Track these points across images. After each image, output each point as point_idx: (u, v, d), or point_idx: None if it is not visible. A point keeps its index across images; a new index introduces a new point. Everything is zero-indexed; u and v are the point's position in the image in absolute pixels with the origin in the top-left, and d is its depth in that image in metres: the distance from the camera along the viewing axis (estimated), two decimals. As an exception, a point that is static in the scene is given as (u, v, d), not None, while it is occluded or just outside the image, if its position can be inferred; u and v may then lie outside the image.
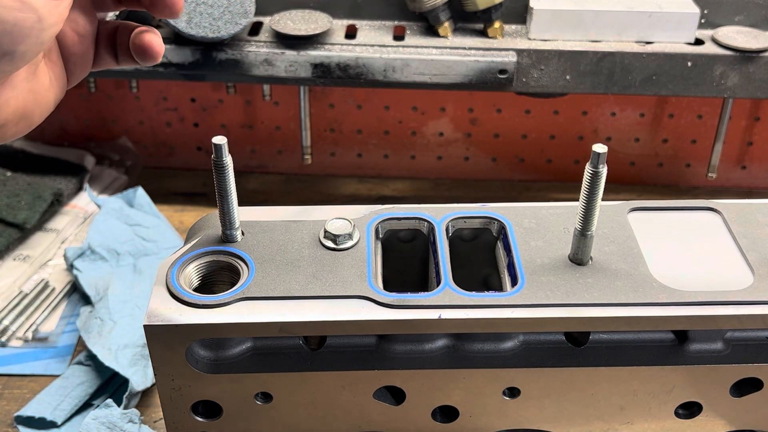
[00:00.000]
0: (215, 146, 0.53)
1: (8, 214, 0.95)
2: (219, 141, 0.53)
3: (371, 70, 0.89)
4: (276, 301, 0.53)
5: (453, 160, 1.13)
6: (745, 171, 1.12)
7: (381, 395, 0.57)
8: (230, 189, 0.55)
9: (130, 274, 0.87)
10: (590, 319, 0.53)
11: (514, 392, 0.57)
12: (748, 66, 0.89)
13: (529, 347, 0.56)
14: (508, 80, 0.89)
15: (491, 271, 0.63)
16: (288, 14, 0.92)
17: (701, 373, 0.56)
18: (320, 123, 1.10)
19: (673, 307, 0.53)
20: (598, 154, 0.51)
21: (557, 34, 0.91)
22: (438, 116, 1.10)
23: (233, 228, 0.57)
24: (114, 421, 0.69)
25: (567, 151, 1.12)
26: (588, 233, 0.55)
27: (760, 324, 0.54)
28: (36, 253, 0.94)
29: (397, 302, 0.53)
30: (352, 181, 1.14)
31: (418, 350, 0.56)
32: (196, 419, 0.57)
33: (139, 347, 0.78)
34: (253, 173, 1.13)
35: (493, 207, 0.61)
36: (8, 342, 0.83)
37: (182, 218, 1.03)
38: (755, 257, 0.57)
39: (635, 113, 1.08)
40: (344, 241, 0.57)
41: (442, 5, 0.90)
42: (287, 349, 0.56)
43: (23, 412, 0.73)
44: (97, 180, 1.07)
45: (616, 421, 0.59)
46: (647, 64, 0.89)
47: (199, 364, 0.54)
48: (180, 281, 0.54)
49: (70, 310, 0.87)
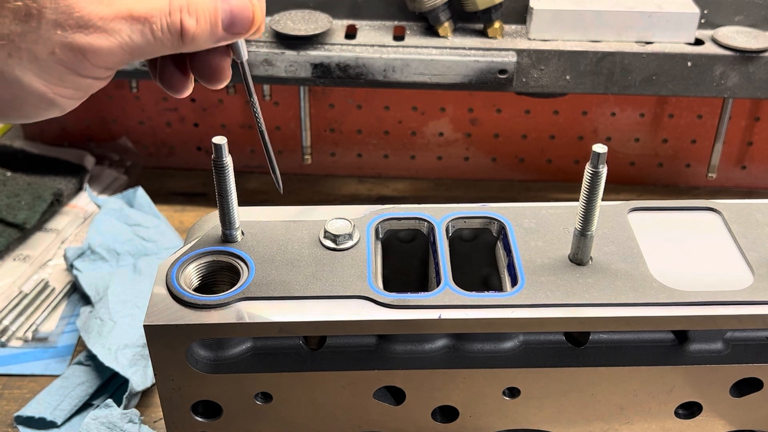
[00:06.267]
0: (215, 146, 0.53)
1: (8, 214, 0.95)
2: (219, 141, 0.53)
3: (371, 70, 0.89)
4: (276, 301, 0.53)
5: (453, 160, 1.13)
6: (745, 171, 1.12)
7: (381, 395, 0.57)
8: (230, 189, 0.55)
9: (130, 274, 0.87)
10: (590, 319, 0.53)
11: (514, 392, 0.57)
12: (748, 66, 0.89)
13: (529, 347, 0.56)
14: (508, 80, 0.89)
15: (491, 271, 0.63)
16: (288, 14, 0.92)
17: (701, 373, 0.56)
18: (320, 123, 1.10)
19: (673, 307, 0.53)
20: (598, 154, 0.51)
21: (557, 34, 0.91)
22: (438, 116, 1.10)
23: (233, 228, 0.57)
24: (114, 421, 0.69)
25: (567, 151, 1.12)
26: (588, 233, 0.55)
27: (760, 324, 0.54)
28: (36, 253, 0.94)
29: (397, 302, 0.53)
30: (352, 181, 1.14)
31: (418, 350, 0.56)
32: (196, 419, 0.57)
33: (139, 347, 0.78)
34: (253, 173, 1.13)
35: (493, 207, 0.61)
36: (8, 342, 0.83)
37: (182, 218, 1.03)
38: (755, 257, 0.57)
39: (635, 113, 1.08)
40: (344, 241, 0.57)
41: (442, 5, 0.90)
42: (287, 349, 0.56)
43: (23, 412, 0.73)
44: (97, 180, 1.07)
45: (616, 421, 0.59)
46: (647, 64, 0.89)
47: (199, 364, 0.54)
48: (180, 281, 0.54)
49: (70, 310, 0.87)
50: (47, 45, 0.39)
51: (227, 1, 0.44)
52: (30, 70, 0.40)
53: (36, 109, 0.41)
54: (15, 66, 0.39)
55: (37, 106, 0.41)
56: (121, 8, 0.40)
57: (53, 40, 0.39)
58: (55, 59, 0.40)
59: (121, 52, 0.41)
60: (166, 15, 0.42)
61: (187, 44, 0.43)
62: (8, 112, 0.41)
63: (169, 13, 0.42)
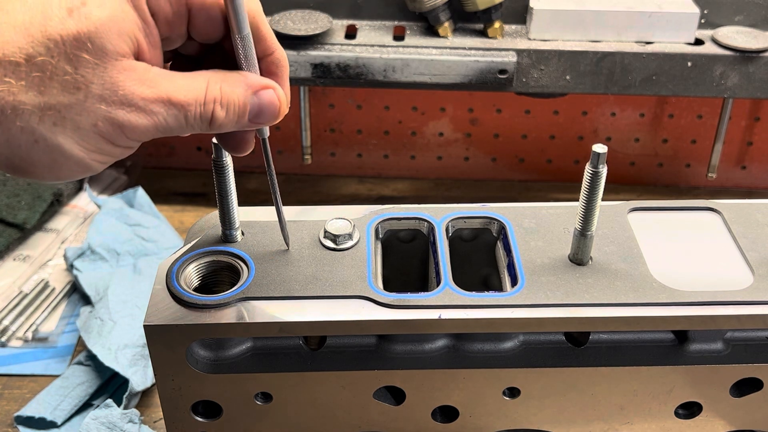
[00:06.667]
0: (215, 146, 0.53)
1: (8, 214, 0.95)
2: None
3: (371, 70, 0.89)
4: (276, 301, 0.53)
5: (453, 160, 1.13)
6: (745, 171, 1.12)
7: (381, 395, 0.57)
8: (230, 189, 0.55)
9: (130, 274, 0.87)
10: (590, 319, 0.53)
11: (514, 392, 0.57)
12: (748, 66, 0.89)
13: (529, 347, 0.56)
14: (508, 80, 0.89)
15: (491, 271, 0.63)
16: (288, 14, 0.92)
17: (701, 373, 0.56)
18: (320, 123, 1.10)
19: (673, 307, 0.53)
20: (598, 154, 0.51)
21: (557, 34, 0.91)
22: (438, 116, 1.10)
23: (233, 228, 0.57)
24: (114, 421, 0.69)
25: (567, 151, 1.12)
26: (588, 233, 0.55)
27: (760, 324, 0.54)
28: (36, 253, 0.94)
29: (397, 302, 0.53)
30: (352, 181, 1.14)
31: (418, 350, 0.56)
32: (196, 419, 0.57)
33: (139, 347, 0.78)
34: (253, 173, 1.13)
35: (493, 207, 0.61)
36: (8, 342, 0.83)
37: (182, 218, 1.03)
38: (755, 257, 0.57)
39: (635, 113, 1.08)
40: (344, 241, 0.57)
41: (442, 5, 0.90)
42: (287, 349, 0.56)
43: (23, 412, 0.73)
44: (97, 180, 1.07)
45: (616, 421, 0.59)
46: (647, 64, 0.89)
47: (199, 364, 0.54)
48: (180, 281, 0.54)
49: (70, 310, 0.87)
50: (90, 117, 0.42)
51: (258, 96, 0.47)
52: (72, 138, 0.43)
53: (72, 172, 0.44)
54: (59, 134, 0.42)
55: (72, 170, 0.44)
56: (162, 93, 0.44)
57: (97, 113, 0.42)
58: (97, 130, 0.43)
59: (155, 130, 0.44)
60: (201, 105, 0.45)
61: (213, 129, 0.47)
62: (44, 174, 0.44)
63: (204, 104, 0.45)
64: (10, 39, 0.41)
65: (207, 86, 0.45)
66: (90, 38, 0.42)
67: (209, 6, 0.46)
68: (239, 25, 0.46)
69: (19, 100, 0.41)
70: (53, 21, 0.41)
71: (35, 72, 0.41)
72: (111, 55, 0.42)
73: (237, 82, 0.47)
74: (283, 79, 0.50)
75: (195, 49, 0.49)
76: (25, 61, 0.41)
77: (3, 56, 0.40)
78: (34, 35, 0.41)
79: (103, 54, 0.42)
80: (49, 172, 0.44)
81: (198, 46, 0.49)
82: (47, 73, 0.41)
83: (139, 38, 0.44)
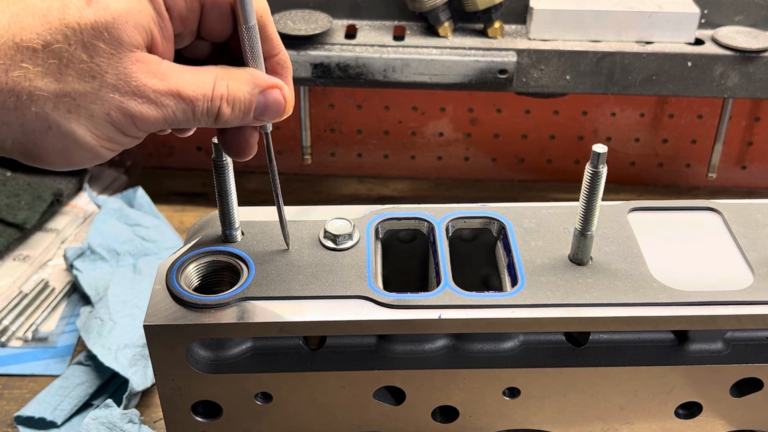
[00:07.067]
0: (215, 146, 0.53)
1: (8, 214, 0.95)
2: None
3: (371, 70, 0.89)
4: (276, 301, 0.53)
5: (453, 160, 1.13)
6: (745, 171, 1.12)
7: (381, 395, 0.57)
8: (230, 189, 0.55)
9: (130, 274, 0.87)
10: (590, 319, 0.53)
11: (514, 392, 0.57)
12: (748, 66, 0.89)
13: (529, 347, 0.56)
14: (508, 80, 0.89)
15: (491, 271, 0.63)
16: (288, 14, 0.92)
17: (701, 373, 0.56)
18: (320, 123, 1.10)
19: (673, 307, 0.53)
20: (598, 154, 0.51)
21: (557, 34, 0.91)
22: (438, 116, 1.10)
23: (233, 228, 0.57)
24: (114, 421, 0.69)
25: (567, 151, 1.12)
26: (588, 233, 0.55)
27: (760, 324, 0.54)
28: (36, 253, 0.94)
29: (397, 302, 0.53)
30: (352, 181, 1.14)
31: (418, 350, 0.56)
32: (196, 419, 0.57)
33: (139, 347, 0.78)
34: (253, 173, 1.13)
35: (493, 207, 0.61)
36: (8, 342, 0.83)
37: (182, 218, 1.03)
38: (755, 257, 0.57)
39: (635, 113, 1.08)
40: (344, 241, 0.57)
41: (442, 5, 0.90)
42: (287, 349, 0.56)
43: (23, 412, 0.73)
44: (97, 180, 1.07)
45: (616, 421, 0.59)
46: (647, 64, 0.89)
47: (199, 364, 0.54)
48: (180, 281, 0.54)
49: (70, 310, 0.87)
50: (104, 106, 0.43)
51: (264, 95, 0.48)
52: (84, 126, 0.43)
53: (82, 158, 0.45)
54: (72, 121, 0.43)
55: (83, 156, 0.45)
56: (172, 86, 0.45)
57: (110, 102, 0.43)
58: (109, 119, 0.44)
59: (164, 122, 0.45)
60: (208, 100, 0.46)
61: (218, 124, 0.48)
62: (55, 160, 0.45)
63: (211, 99, 0.46)
64: (29, 25, 0.41)
65: (215, 82, 0.46)
66: (107, 28, 0.42)
67: (221, 2, 0.47)
68: (246, 16, 0.46)
69: (35, 85, 0.42)
70: (71, 9, 0.42)
71: (52, 59, 0.42)
72: (126, 46, 0.43)
73: (244, 79, 0.47)
74: (287, 79, 0.50)
75: (201, 51, 0.50)
76: (42, 48, 0.41)
77: (21, 42, 0.41)
78: (52, 22, 0.42)
79: (119, 44, 0.43)
80: (61, 158, 0.45)
81: (204, 48, 0.50)
82: (63, 60, 0.42)
83: (153, 31, 0.45)
